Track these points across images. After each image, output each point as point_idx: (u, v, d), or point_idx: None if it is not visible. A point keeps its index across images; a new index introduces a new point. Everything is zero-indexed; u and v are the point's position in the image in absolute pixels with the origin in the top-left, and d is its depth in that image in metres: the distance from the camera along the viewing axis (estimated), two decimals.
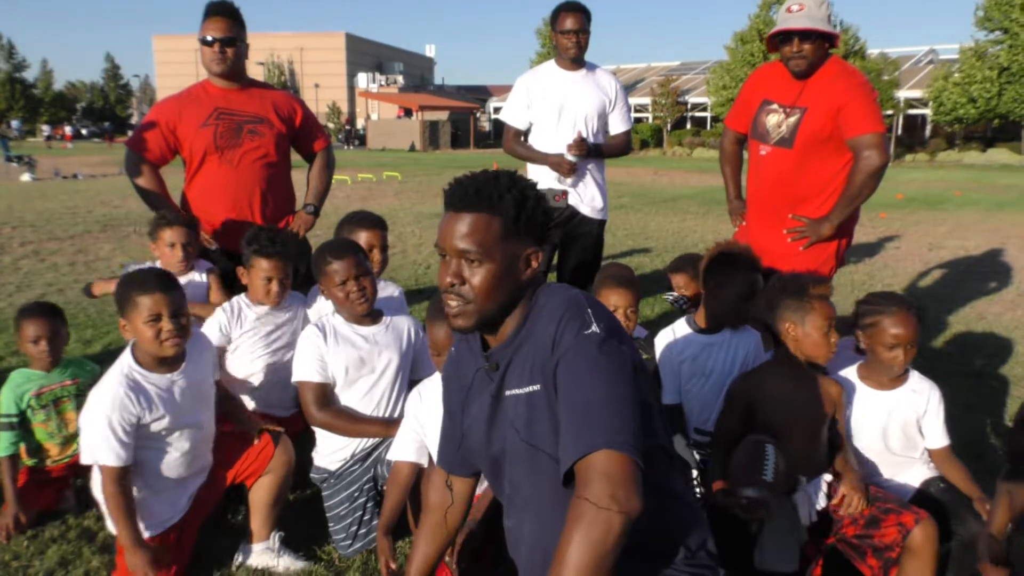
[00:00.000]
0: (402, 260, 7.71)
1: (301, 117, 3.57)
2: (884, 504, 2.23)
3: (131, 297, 2.20)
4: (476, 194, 1.52)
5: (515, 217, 1.53)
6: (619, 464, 1.36)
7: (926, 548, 2.11)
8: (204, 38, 3.26)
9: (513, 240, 1.54)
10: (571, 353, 1.45)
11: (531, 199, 1.56)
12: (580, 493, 1.36)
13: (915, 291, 6.76)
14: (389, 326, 2.74)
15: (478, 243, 1.52)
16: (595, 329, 1.47)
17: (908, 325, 2.35)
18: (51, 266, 7.40)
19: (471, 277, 1.54)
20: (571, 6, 3.77)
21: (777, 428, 2.25)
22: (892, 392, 2.44)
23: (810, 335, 2.28)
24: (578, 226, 3.95)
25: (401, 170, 22.21)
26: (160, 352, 2.23)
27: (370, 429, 2.62)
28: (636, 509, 1.35)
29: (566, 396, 1.44)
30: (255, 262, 2.89)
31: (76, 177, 18.98)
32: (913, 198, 14.89)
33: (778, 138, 3.12)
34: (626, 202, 13.66)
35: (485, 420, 1.65)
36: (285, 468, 2.49)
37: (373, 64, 60.09)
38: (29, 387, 2.73)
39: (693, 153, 35.88)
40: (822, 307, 2.29)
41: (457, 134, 46.32)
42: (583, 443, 1.38)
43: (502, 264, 1.53)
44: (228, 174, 3.34)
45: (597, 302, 1.58)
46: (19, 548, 2.53)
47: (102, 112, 67.58)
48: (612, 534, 1.32)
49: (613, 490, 1.33)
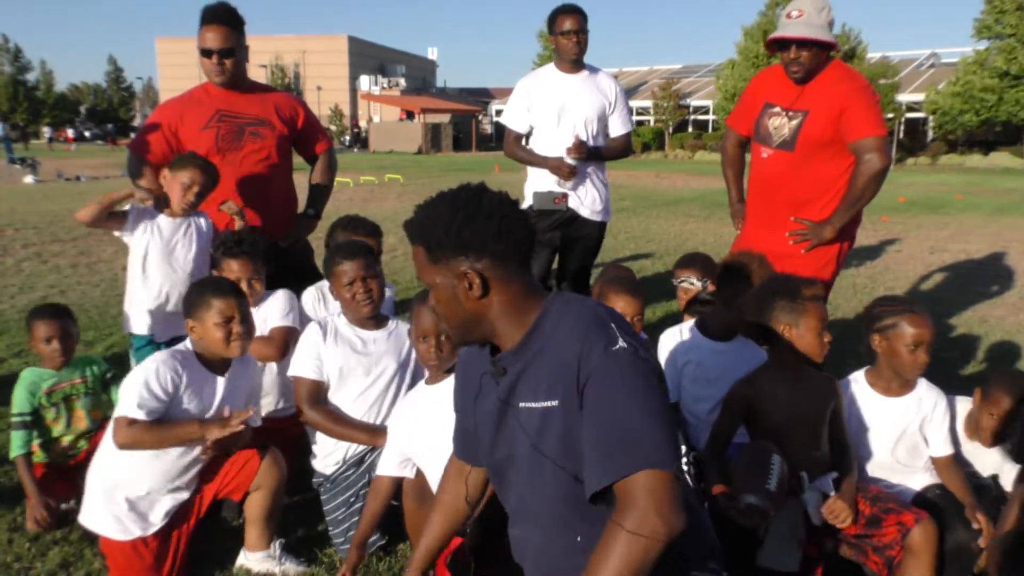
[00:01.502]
0: (404, 262, 7.72)
1: (303, 119, 3.57)
2: (885, 504, 2.23)
3: (205, 298, 2.31)
4: (407, 227, 1.58)
5: (428, 243, 1.53)
6: (662, 482, 1.37)
7: (925, 548, 2.11)
8: (202, 49, 3.24)
9: (439, 264, 1.53)
10: (601, 371, 1.43)
11: (441, 220, 1.50)
12: (620, 517, 1.37)
13: (917, 295, 6.75)
14: (392, 332, 2.74)
15: (420, 273, 1.59)
16: (623, 344, 1.45)
17: (927, 325, 2.36)
18: (53, 268, 7.41)
19: (434, 303, 1.60)
20: (568, 8, 3.79)
21: (779, 429, 2.26)
22: (900, 399, 2.44)
23: (804, 336, 2.28)
24: (578, 228, 3.95)
25: (403, 173, 22.22)
26: (227, 352, 2.33)
27: (356, 435, 2.61)
28: (679, 528, 1.37)
29: (600, 415, 1.42)
30: (224, 264, 2.94)
31: (79, 179, 19.02)
32: (915, 202, 14.88)
33: (780, 141, 3.13)
34: (628, 205, 13.66)
35: (492, 424, 1.64)
36: (276, 482, 2.45)
37: (375, 67, 60.11)
38: (42, 385, 2.76)
39: (695, 156, 35.89)
40: (815, 308, 2.29)
41: (459, 137, 46.34)
42: (624, 464, 1.38)
43: (442, 290, 1.55)
44: (230, 176, 3.34)
45: (617, 315, 1.55)
46: (21, 550, 2.54)
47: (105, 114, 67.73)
48: (651, 556, 1.35)
49: (659, 510, 1.35)
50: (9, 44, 58.96)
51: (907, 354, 2.35)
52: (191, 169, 3.08)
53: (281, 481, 2.48)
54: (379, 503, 2.34)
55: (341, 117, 52.02)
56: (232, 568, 2.48)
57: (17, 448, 2.68)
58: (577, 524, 1.53)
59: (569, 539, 1.54)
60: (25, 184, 17.47)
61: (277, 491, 2.47)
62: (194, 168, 3.08)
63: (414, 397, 2.41)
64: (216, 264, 2.99)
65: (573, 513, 1.52)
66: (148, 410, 2.21)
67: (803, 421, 2.28)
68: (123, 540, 2.29)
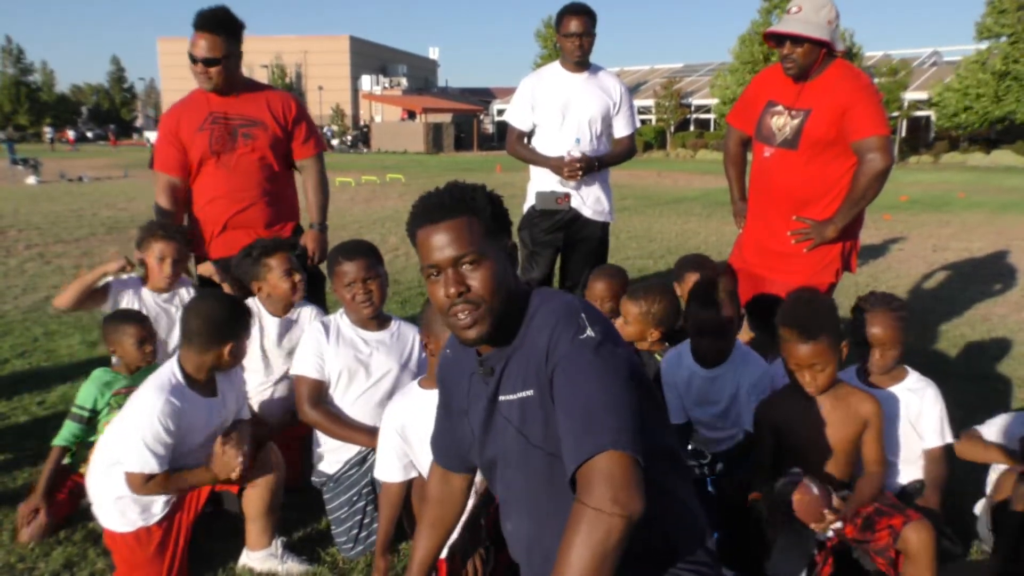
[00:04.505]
0: (406, 263, 7.72)
1: (293, 115, 3.43)
2: (879, 505, 2.22)
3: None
4: (451, 201, 1.54)
5: (492, 214, 1.57)
6: (620, 464, 1.36)
7: (921, 550, 2.06)
8: (190, 54, 3.19)
9: (495, 236, 1.57)
10: (567, 359, 1.46)
11: (496, 198, 1.61)
12: (581, 496, 1.36)
13: (919, 293, 6.74)
14: (395, 334, 2.74)
15: (470, 244, 1.52)
16: (590, 334, 1.47)
17: (885, 325, 2.38)
18: (56, 268, 7.42)
19: (474, 280, 1.52)
20: (575, 8, 3.74)
21: (799, 451, 2.26)
22: (887, 390, 2.45)
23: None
24: (580, 229, 3.94)
25: (405, 172, 22.23)
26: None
27: (356, 437, 2.62)
28: (638, 510, 1.34)
29: (564, 402, 1.44)
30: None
31: (81, 180, 19.03)
32: (917, 200, 14.85)
33: (782, 140, 3.12)
34: (630, 204, 13.65)
35: (481, 425, 1.66)
36: (272, 479, 2.45)
37: (377, 67, 60.06)
38: (114, 386, 2.76)
39: (696, 155, 35.81)
40: (789, 348, 2.28)
41: (461, 136, 46.28)
42: (585, 447, 1.38)
43: (497, 259, 1.55)
44: (225, 178, 3.32)
45: (591, 306, 1.58)
46: (24, 550, 2.54)
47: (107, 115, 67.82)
48: (613, 537, 1.32)
49: (615, 492, 1.33)
50: (12, 45, 59.17)
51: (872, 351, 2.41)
52: (158, 241, 3.06)
53: (278, 477, 2.47)
54: (393, 508, 2.36)
55: (343, 117, 51.95)
56: (235, 567, 2.48)
57: (61, 438, 2.70)
58: (565, 510, 1.54)
59: (559, 526, 1.55)
60: (28, 185, 17.50)
61: (274, 487, 2.46)
62: (160, 239, 3.06)
63: (409, 400, 2.37)
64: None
65: (559, 495, 1.51)
66: (159, 460, 2.26)
67: (818, 443, 2.24)
68: (126, 531, 2.32)
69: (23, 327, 5.20)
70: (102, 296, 3.01)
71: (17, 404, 3.82)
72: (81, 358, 4.54)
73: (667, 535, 1.59)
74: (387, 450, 2.36)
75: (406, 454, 2.34)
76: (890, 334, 2.40)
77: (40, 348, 4.76)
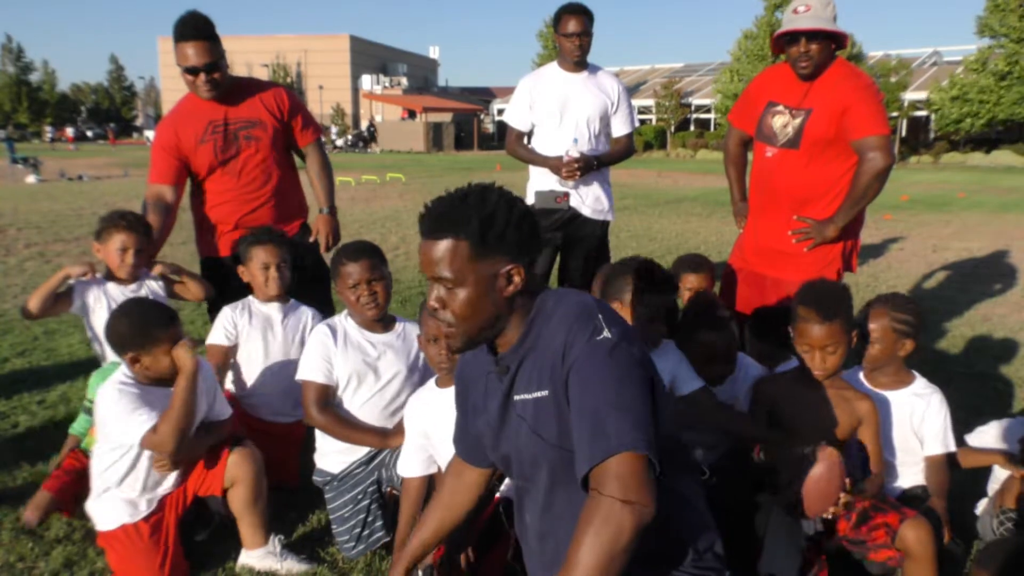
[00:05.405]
0: (406, 262, 7.72)
1: (288, 107, 3.44)
2: (874, 501, 2.21)
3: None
4: (440, 219, 1.52)
5: (481, 237, 1.50)
6: (634, 465, 1.37)
7: (920, 549, 2.07)
8: (187, 67, 3.13)
9: (485, 260, 1.51)
10: (581, 360, 1.46)
11: (499, 216, 1.51)
12: (593, 496, 1.38)
13: (920, 293, 6.74)
14: (401, 335, 2.73)
15: (449, 269, 1.51)
16: (607, 335, 1.47)
17: (878, 322, 2.46)
18: (56, 267, 7.38)
19: (450, 302, 1.54)
20: (573, 8, 3.75)
21: (791, 431, 2.28)
22: (892, 393, 2.45)
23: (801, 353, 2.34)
24: (580, 228, 3.93)
25: (405, 171, 22.22)
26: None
27: (366, 439, 2.61)
28: (650, 511, 1.36)
29: (578, 403, 1.45)
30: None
31: (81, 179, 19.03)
32: (917, 200, 14.85)
33: (784, 140, 3.12)
34: (630, 204, 13.65)
35: (496, 423, 1.67)
36: (250, 473, 2.42)
37: (377, 66, 60.03)
38: None
39: (696, 155, 35.82)
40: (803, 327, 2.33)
41: (461, 136, 46.29)
42: (598, 449, 1.39)
43: (477, 286, 1.52)
44: (233, 184, 3.34)
45: (608, 307, 1.57)
46: (24, 550, 2.54)
47: (107, 114, 67.85)
48: (625, 536, 1.33)
49: (625, 493, 1.35)
50: (12, 44, 59.20)
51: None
52: (119, 232, 3.00)
53: (256, 472, 2.44)
54: (413, 505, 2.35)
55: (343, 116, 51.92)
56: (235, 567, 2.48)
57: (75, 427, 2.95)
58: (578, 506, 1.54)
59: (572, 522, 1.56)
60: (27, 184, 17.49)
61: (255, 482, 2.44)
62: (121, 230, 3.00)
63: (426, 399, 2.39)
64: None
65: (575, 495, 1.52)
66: (148, 414, 2.30)
67: (810, 433, 2.25)
68: (114, 528, 2.37)
69: (23, 326, 5.20)
70: (67, 300, 2.97)
71: (17, 403, 3.82)
72: (81, 357, 4.54)
73: (677, 536, 1.59)
74: (409, 445, 2.38)
75: (430, 455, 2.36)
76: (879, 332, 2.45)
77: (40, 347, 4.76)
